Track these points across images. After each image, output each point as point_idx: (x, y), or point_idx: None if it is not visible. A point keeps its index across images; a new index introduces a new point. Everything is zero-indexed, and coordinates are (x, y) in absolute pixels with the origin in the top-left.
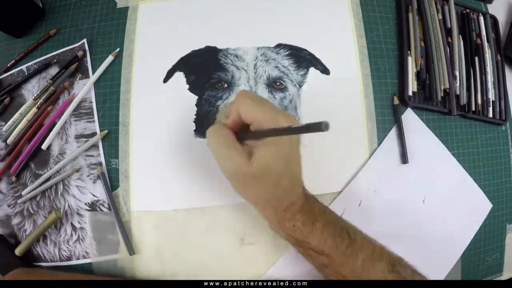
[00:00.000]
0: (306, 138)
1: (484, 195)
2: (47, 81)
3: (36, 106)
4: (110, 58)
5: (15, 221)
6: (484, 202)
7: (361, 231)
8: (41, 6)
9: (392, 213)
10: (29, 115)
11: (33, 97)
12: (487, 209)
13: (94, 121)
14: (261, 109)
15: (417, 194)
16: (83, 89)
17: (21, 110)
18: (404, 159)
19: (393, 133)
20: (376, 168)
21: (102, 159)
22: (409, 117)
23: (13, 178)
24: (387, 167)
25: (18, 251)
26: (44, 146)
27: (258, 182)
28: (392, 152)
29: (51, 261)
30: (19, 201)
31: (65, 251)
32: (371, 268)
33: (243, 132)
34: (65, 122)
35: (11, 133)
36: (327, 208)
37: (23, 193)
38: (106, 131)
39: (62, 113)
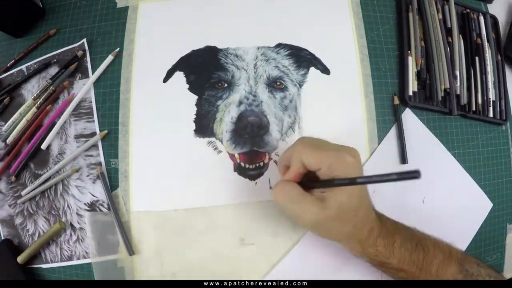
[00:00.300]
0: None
1: (484, 195)
2: (46, 81)
3: (35, 106)
4: (110, 58)
5: (18, 221)
6: (484, 201)
7: (429, 236)
8: (41, 6)
9: (392, 213)
10: (29, 115)
11: (32, 97)
12: (487, 208)
13: (93, 121)
14: (324, 153)
15: (416, 194)
16: (83, 88)
17: (21, 110)
18: (403, 159)
19: (392, 133)
20: (375, 168)
21: (101, 159)
22: (409, 117)
23: (13, 178)
24: (386, 167)
25: (20, 259)
26: (43, 146)
27: (338, 222)
28: (391, 152)
29: (52, 262)
30: (19, 201)
31: (67, 251)
32: (444, 273)
33: (309, 181)
34: (65, 122)
35: (10, 133)
36: (398, 223)
37: (22, 193)
38: (105, 131)
39: (61, 113)
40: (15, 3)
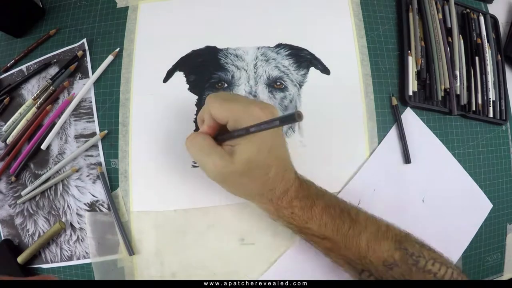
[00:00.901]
0: (307, 138)
1: (484, 195)
2: (46, 81)
3: (35, 106)
4: (110, 58)
5: (18, 221)
6: (484, 202)
7: (365, 211)
8: (41, 6)
9: (391, 213)
10: (29, 115)
11: (32, 97)
12: (487, 209)
13: (93, 121)
14: (232, 105)
15: (416, 193)
16: (83, 88)
17: (21, 110)
18: (406, 159)
19: (393, 133)
20: (375, 167)
21: (101, 159)
22: (409, 117)
23: (13, 178)
24: (386, 167)
25: (20, 259)
26: (43, 146)
27: (245, 177)
28: (391, 152)
29: (52, 262)
30: (19, 201)
31: (67, 251)
32: (377, 247)
33: (221, 134)
34: (65, 122)
35: (10, 133)
36: (326, 191)
37: (22, 193)
38: (105, 131)
39: (61, 113)
40: (15, 3)
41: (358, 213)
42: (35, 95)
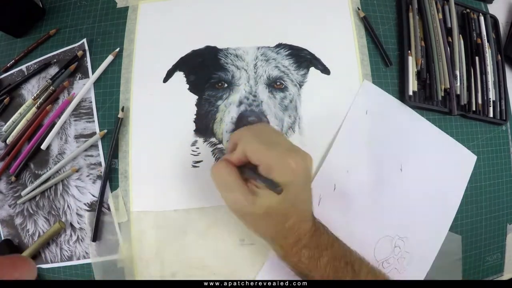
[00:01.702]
0: (307, 138)
1: (466, 148)
2: (46, 81)
3: (35, 106)
4: (110, 58)
5: (18, 221)
6: (467, 155)
7: (368, 263)
8: (41, 6)
9: (370, 191)
10: (29, 115)
11: (32, 97)
12: (471, 161)
13: (93, 121)
14: (269, 153)
15: (392, 164)
16: (83, 89)
17: (21, 110)
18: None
19: (354, 110)
20: (343, 147)
21: (101, 159)
22: (369, 89)
23: (13, 178)
24: (354, 145)
25: None
26: (43, 146)
27: (263, 221)
28: (356, 129)
29: (52, 262)
30: (19, 201)
31: (67, 251)
32: None
33: (247, 170)
34: (65, 122)
35: (10, 133)
36: (335, 241)
37: (22, 193)
38: (105, 131)
39: (61, 113)
40: (15, 3)
41: (361, 267)
42: (35, 95)
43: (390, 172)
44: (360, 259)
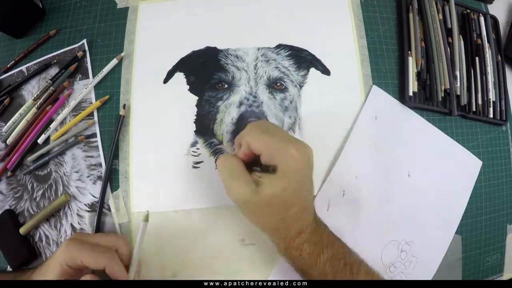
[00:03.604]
0: (307, 138)
1: (472, 154)
2: (47, 81)
3: (35, 106)
4: (114, 62)
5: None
6: (473, 160)
7: (367, 265)
8: (41, 6)
9: (378, 197)
10: (29, 116)
11: (32, 98)
12: (477, 166)
13: (93, 121)
14: (269, 140)
15: (399, 170)
16: (84, 91)
17: (21, 110)
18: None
19: (363, 116)
20: (352, 153)
21: (101, 160)
22: (378, 94)
23: (8, 173)
24: (363, 151)
25: (22, 230)
26: (40, 141)
27: (266, 210)
28: (366, 135)
29: None
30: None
31: None
32: None
33: (254, 164)
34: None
35: (10, 134)
36: (336, 240)
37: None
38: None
39: (58, 109)
40: (14, 4)
41: (360, 269)
42: (35, 95)
43: (398, 178)
44: (358, 261)
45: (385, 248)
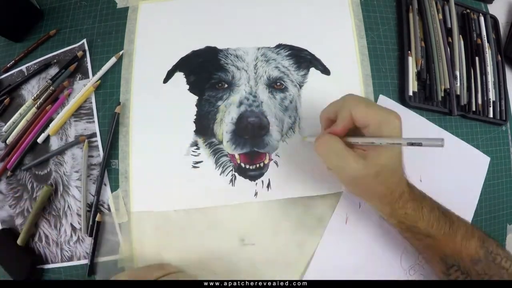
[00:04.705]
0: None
1: (478, 151)
2: (46, 81)
3: (35, 106)
4: (113, 60)
5: (18, 221)
6: (480, 157)
7: (453, 212)
8: (38, 7)
9: None
10: (29, 115)
11: (32, 98)
12: (485, 162)
13: (94, 121)
14: (376, 112)
15: (412, 176)
16: (82, 90)
17: (21, 110)
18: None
19: None
20: None
21: (101, 160)
22: (387, 104)
23: (8, 173)
24: None
25: (20, 241)
26: (40, 140)
27: (375, 181)
28: None
29: (52, 262)
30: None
31: (67, 252)
32: (468, 245)
33: (351, 137)
34: (65, 122)
35: (10, 134)
36: (425, 194)
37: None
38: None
39: (58, 108)
40: (12, 6)
41: (451, 214)
42: (35, 95)
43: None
44: (446, 208)
45: (404, 253)
